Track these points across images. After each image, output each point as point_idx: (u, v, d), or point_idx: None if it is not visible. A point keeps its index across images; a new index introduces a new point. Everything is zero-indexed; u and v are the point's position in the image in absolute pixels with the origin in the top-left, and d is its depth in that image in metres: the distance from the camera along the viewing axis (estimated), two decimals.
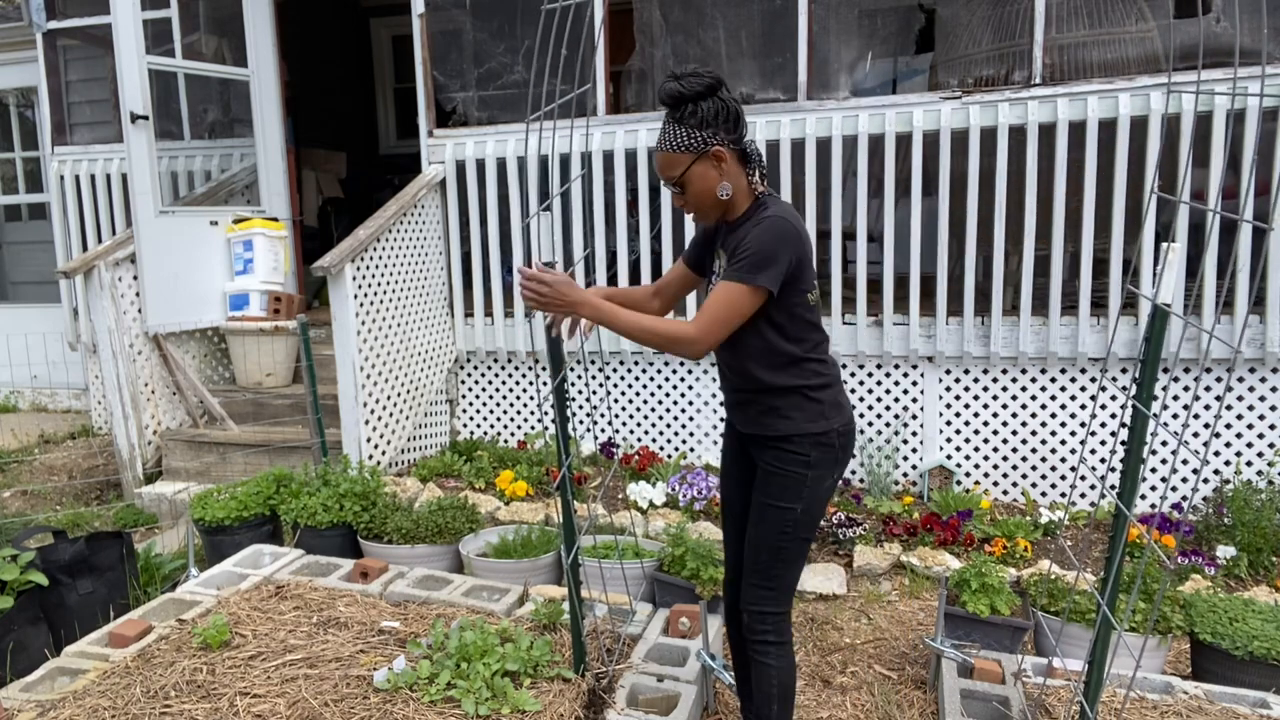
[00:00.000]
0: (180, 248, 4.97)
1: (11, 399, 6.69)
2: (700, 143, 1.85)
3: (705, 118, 1.84)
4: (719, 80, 1.86)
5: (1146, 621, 2.67)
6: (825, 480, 1.97)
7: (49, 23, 5.82)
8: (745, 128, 1.92)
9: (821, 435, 1.94)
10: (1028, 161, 3.98)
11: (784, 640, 2.03)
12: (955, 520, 3.68)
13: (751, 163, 1.93)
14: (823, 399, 1.95)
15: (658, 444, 4.80)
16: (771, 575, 2.00)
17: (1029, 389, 4.20)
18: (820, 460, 1.95)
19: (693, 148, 1.86)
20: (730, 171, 1.90)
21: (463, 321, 5.04)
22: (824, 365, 1.97)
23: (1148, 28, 3.95)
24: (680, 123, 1.86)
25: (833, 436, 1.95)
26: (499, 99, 5.02)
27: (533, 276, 1.85)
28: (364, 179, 8.01)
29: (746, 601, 2.03)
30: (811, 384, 1.94)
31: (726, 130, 1.87)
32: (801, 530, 1.97)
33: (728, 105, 1.86)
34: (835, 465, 1.98)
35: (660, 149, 1.89)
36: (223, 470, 4.64)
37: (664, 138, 1.88)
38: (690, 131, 1.85)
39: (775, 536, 1.98)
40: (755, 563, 2.01)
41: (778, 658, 2.02)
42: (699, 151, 1.86)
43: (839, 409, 1.98)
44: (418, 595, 2.87)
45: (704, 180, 1.88)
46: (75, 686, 2.32)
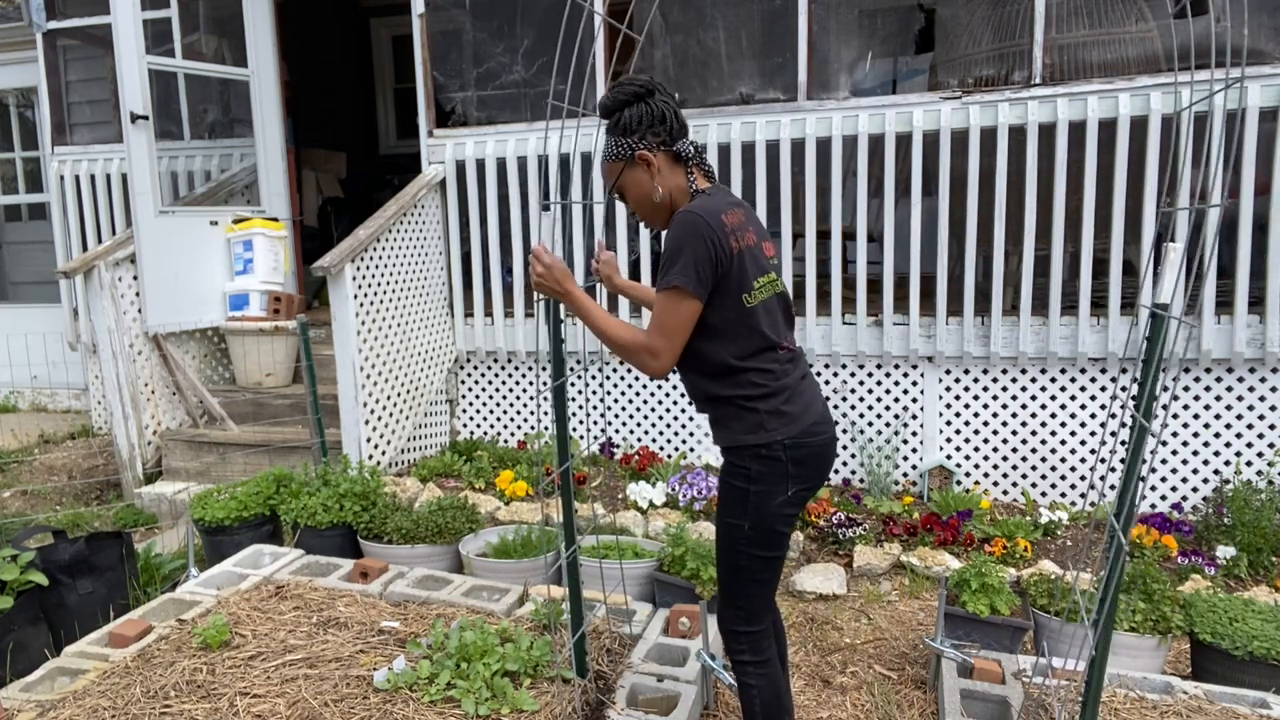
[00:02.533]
0: (180, 248, 4.97)
1: (11, 399, 6.69)
2: (627, 149, 1.87)
3: (629, 124, 1.86)
4: (650, 87, 1.87)
5: (1147, 621, 2.67)
6: (774, 495, 1.84)
7: (49, 23, 5.82)
8: (680, 128, 1.91)
9: (762, 447, 1.82)
10: (1028, 161, 3.98)
11: (761, 659, 1.97)
12: (955, 520, 3.68)
13: (688, 163, 1.92)
14: (759, 409, 1.83)
15: (657, 444, 4.81)
16: (735, 593, 1.94)
17: (1029, 389, 4.20)
18: (763, 474, 1.84)
19: (620, 155, 1.88)
20: (663, 174, 1.89)
21: (463, 321, 5.04)
22: (764, 375, 1.84)
23: (1148, 28, 3.95)
24: (610, 132, 1.90)
25: (777, 449, 1.82)
26: (499, 99, 5.02)
27: (538, 255, 1.89)
28: (364, 179, 8.01)
29: (720, 620, 1.99)
30: (747, 394, 1.84)
31: (654, 134, 1.87)
32: (755, 547, 1.88)
33: (653, 109, 1.86)
34: (785, 480, 1.84)
35: (605, 163, 1.93)
36: (223, 470, 4.64)
37: (602, 150, 1.92)
38: (618, 140, 1.88)
39: (730, 553, 1.92)
40: (721, 580, 1.98)
41: (756, 676, 1.97)
42: (626, 159, 1.88)
43: (784, 419, 1.84)
44: (418, 595, 2.87)
45: (638, 186, 1.90)
46: (75, 686, 2.32)
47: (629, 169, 1.89)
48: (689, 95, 4.71)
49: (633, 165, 1.88)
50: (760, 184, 4.38)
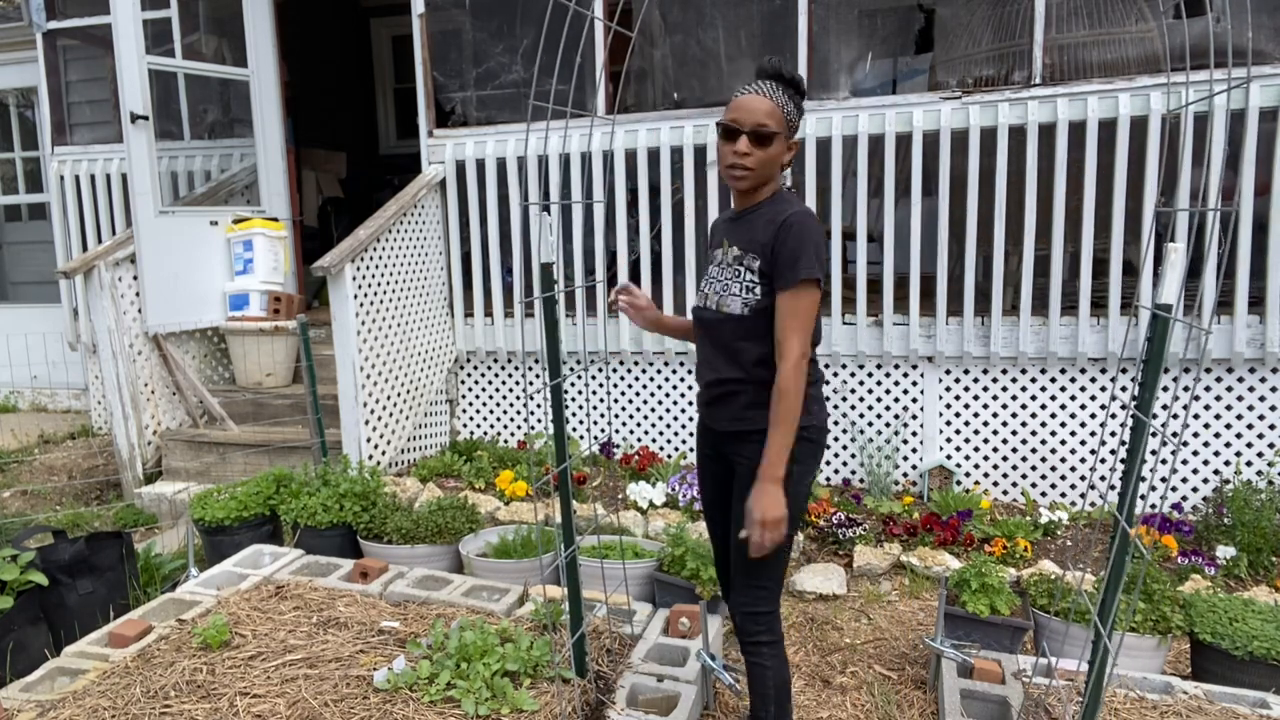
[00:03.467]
0: (180, 248, 4.97)
1: (11, 399, 6.69)
2: (795, 121, 1.93)
3: (799, 108, 1.94)
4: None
5: (1147, 621, 2.67)
6: (809, 475, 1.98)
7: (49, 23, 5.82)
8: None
9: (805, 429, 1.91)
10: (1028, 161, 3.98)
11: (777, 639, 2.03)
12: (955, 520, 3.68)
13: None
14: (808, 393, 1.90)
15: (657, 444, 4.80)
16: (760, 573, 1.98)
17: (1029, 389, 4.20)
18: (803, 455, 1.93)
19: (790, 120, 1.92)
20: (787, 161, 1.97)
21: (463, 321, 5.04)
22: (814, 364, 1.98)
23: (1148, 28, 3.95)
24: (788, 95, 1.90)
25: (814, 432, 1.96)
26: (499, 99, 5.02)
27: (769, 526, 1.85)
28: (364, 179, 8.00)
29: (739, 604, 2.02)
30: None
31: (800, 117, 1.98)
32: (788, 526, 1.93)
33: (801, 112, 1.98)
34: (815, 461, 1.99)
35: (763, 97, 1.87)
36: (223, 470, 4.64)
37: (771, 93, 1.88)
38: (794, 108, 1.92)
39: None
40: (743, 564, 1.98)
41: (772, 657, 2.01)
42: (791, 126, 1.93)
43: (820, 405, 2.00)
44: (418, 595, 2.87)
45: (778, 151, 1.91)
46: (75, 686, 2.32)
47: (785, 135, 1.91)
48: (688, 95, 4.71)
49: (788, 136, 1.93)
50: None
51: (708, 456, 2.18)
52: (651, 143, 4.55)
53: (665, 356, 4.71)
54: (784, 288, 1.85)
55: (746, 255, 1.93)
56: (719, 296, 1.98)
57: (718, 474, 2.15)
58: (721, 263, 2.01)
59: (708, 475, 2.19)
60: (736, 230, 1.98)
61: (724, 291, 1.96)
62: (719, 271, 2.01)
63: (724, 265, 2.00)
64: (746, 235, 1.94)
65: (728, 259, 1.99)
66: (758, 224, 1.93)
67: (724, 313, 1.95)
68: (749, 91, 1.89)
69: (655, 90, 4.86)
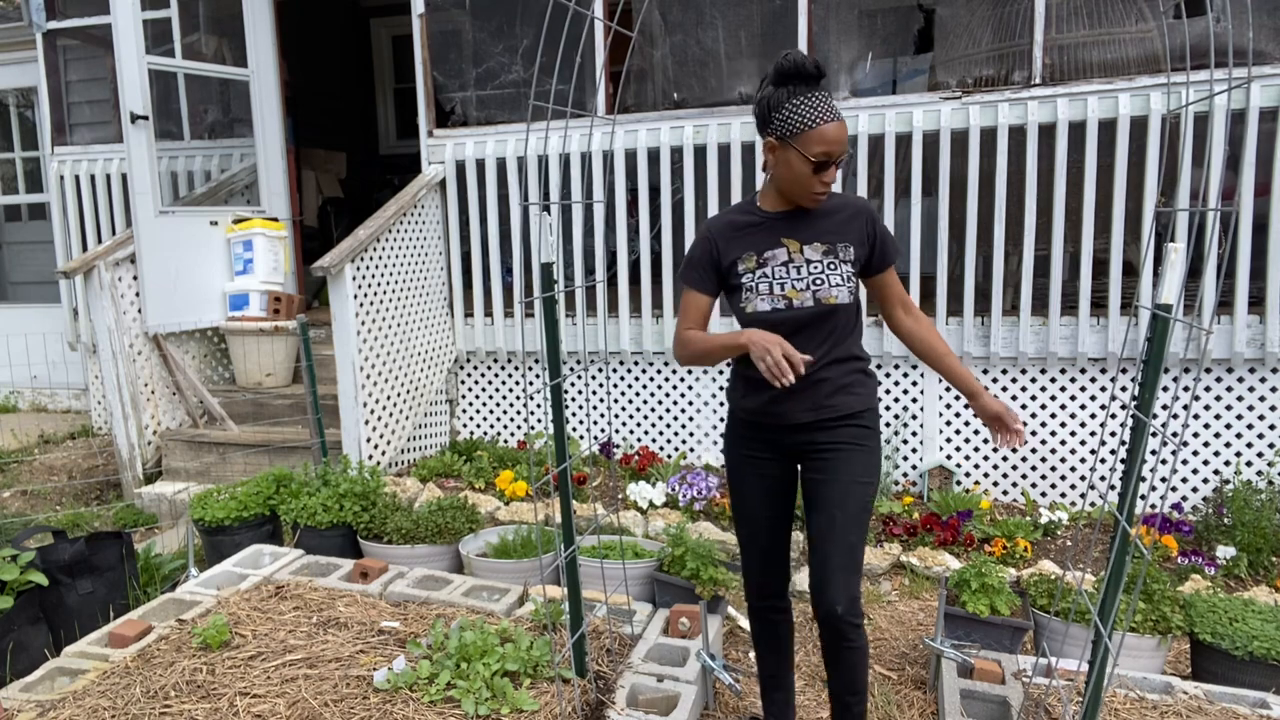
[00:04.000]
0: (180, 248, 4.97)
1: (11, 399, 6.69)
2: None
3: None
4: None
5: (1147, 621, 2.67)
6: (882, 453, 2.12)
7: (49, 23, 5.82)
8: None
9: (877, 409, 2.06)
10: (1027, 162, 3.98)
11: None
12: (955, 520, 3.68)
13: None
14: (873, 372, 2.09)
15: (657, 444, 4.80)
16: (859, 555, 1.99)
17: (1029, 389, 4.20)
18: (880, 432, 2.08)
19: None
20: None
21: (463, 321, 5.04)
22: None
23: (1148, 28, 3.95)
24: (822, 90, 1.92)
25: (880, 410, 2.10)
26: (499, 99, 5.02)
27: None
28: (364, 179, 8.00)
29: (843, 592, 1.94)
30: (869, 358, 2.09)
31: None
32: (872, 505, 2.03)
33: None
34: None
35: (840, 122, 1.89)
36: (223, 470, 4.64)
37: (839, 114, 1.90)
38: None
39: (862, 514, 1.99)
40: (847, 548, 1.96)
41: (863, 635, 2.04)
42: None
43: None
44: (418, 595, 2.87)
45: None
46: (75, 686, 2.32)
47: None
48: (688, 95, 4.71)
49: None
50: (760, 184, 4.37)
51: (761, 459, 2.10)
52: (651, 143, 4.55)
53: (665, 356, 4.71)
54: (890, 264, 2.05)
55: (838, 247, 1.98)
56: (815, 290, 1.95)
57: (772, 476, 2.10)
58: (796, 262, 1.98)
59: (754, 478, 2.11)
60: (801, 228, 2.00)
61: (822, 284, 1.95)
62: (797, 271, 1.97)
63: (805, 263, 1.97)
64: (824, 229, 1.99)
65: (808, 256, 1.98)
66: (831, 217, 2.00)
67: (830, 303, 1.95)
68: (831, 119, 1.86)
69: (655, 90, 4.86)
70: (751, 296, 1.99)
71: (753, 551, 2.19)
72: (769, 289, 1.97)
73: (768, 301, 1.97)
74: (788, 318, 1.96)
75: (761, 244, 2.01)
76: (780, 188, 1.99)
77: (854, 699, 2.11)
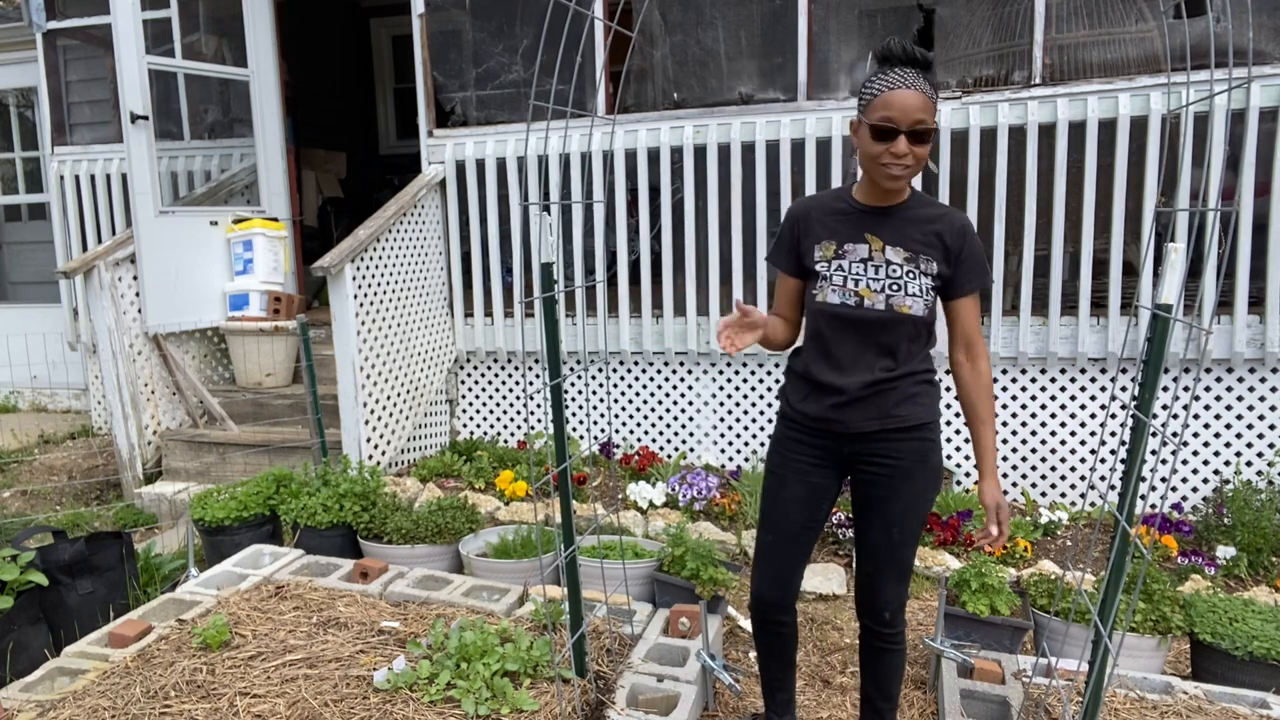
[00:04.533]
0: (180, 248, 4.97)
1: (11, 399, 6.69)
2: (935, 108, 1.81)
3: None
4: None
5: (1147, 621, 2.67)
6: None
7: (49, 23, 5.82)
8: None
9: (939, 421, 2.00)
10: (1027, 162, 3.98)
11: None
12: (955, 520, 3.68)
13: None
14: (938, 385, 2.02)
15: (657, 444, 4.80)
16: (910, 566, 2.03)
17: (1029, 389, 4.20)
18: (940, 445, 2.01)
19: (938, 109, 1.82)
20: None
21: (463, 321, 5.04)
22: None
23: (1148, 28, 3.95)
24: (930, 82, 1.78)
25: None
26: (499, 99, 5.02)
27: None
28: (364, 179, 8.00)
29: (889, 602, 2.04)
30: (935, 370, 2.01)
31: None
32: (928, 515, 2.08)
33: None
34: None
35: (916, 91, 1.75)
36: (223, 470, 4.64)
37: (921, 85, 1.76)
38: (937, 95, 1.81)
39: (919, 529, 2.00)
40: (900, 561, 2.01)
41: (904, 640, 2.11)
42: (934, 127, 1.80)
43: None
44: (418, 595, 2.87)
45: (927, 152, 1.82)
46: (75, 686, 2.32)
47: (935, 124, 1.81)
48: (688, 95, 4.71)
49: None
50: (760, 185, 4.38)
51: (808, 465, 2.04)
52: (651, 143, 4.55)
53: (665, 356, 4.71)
54: (972, 291, 1.91)
55: (921, 258, 1.88)
56: (889, 295, 1.88)
57: (817, 484, 2.05)
58: (876, 261, 1.90)
59: (797, 484, 2.05)
60: (888, 227, 1.90)
61: (898, 290, 1.87)
62: (875, 271, 1.90)
63: (885, 264, 1.90)
64: (909, 235, 1.88)
65: (889, 257, 1.89)
66: (922, 225, 1.89)
67: (902, 312, 1.87)
68: (899, 85, 1.74)
69: (655, 90, 4.86)
70: (825, 286, 1.92)
71: (772, 559, 2.11)
72: (843, 282, 1.90)
73: (839, 295, 1.91)
74: (856, 316, 1.90)
75: (844, 234, 1.93)
76: (863, 168, 1.89)
77: (886, 705, 2.14)
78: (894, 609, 2.04)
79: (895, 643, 2.07)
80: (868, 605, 2.07)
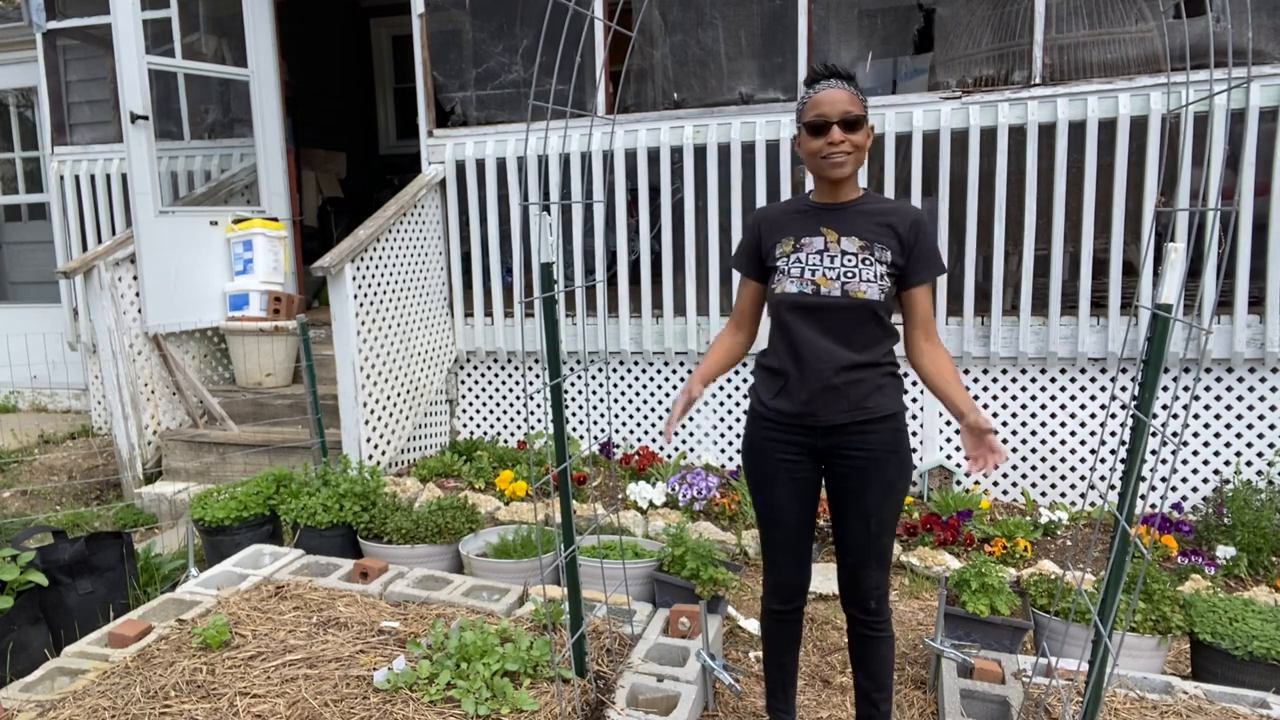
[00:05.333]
0: (180, 248, 4.97)
1: (11, 399, 6.69)
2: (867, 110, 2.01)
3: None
4: None
5: (1147, 621, 2.67)
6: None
7: (49, 23, 5.82)
8: None
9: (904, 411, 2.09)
10: (1027, 161, 3.98)
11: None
12: (955, 520, 3.68)
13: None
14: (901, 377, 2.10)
15: (657, 444, 4.80)
16: (890, 554, 2.09)
17: (1029, 389, 4.20)
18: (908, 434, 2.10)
19: (866, 105, 2.00)
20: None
21: (463, 321, 5.04)
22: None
23: (1148, 28, 3.95)
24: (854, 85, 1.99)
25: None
26: (499, 99, 5.02)
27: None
28: (364, 179, 8.00)
29: (873, 590, 2.10)
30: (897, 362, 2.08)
31: None
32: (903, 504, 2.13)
33: None
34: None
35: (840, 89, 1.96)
36: (223, 470, 4.64)
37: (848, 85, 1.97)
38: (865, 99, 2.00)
39: (895, 517, 2.07)
40: (881, 549, 2.07)
41: (891, 626, 2.16)
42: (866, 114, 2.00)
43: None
44: (418, 595, 2.87)
45: (866, 135, 1.99)
46: (75, 686, 2.32)
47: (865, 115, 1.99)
48: (688, 95, 4.71)
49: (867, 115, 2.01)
50: (760, 184, 4.38)
51: (792, 461, 2.09)
52: (651, 143, 4.55)
53: (665, 356, 4.71)
54: (924, 281, 2.02)
55: (875, 246, 1.98)
56: (845, 282, 1.96)
57: (804, 478, 2.10)
58: (831, 252, 2.00)
59: (787, 480, 2.09)
60: (842, 220, 2.02)
61: (853, 277, 1.97)
62: (830, 260, 1.99)
63: (840, 254, 1.99)
64: (863, 226, 2.00)
65: (844, 248, 2.00)
66: (875, 217, 2.01)
67: (858, 297, 1.96)
68: (825, 88, 1.96)
69: (655, 90, 4.86)
70: (782, 279, 2.03)
71: (783, 555, 2.16)
72: (800, 273, 2.01)
73: (796, 284, 2.00)
74: (814, 303, 1.99)
75: (801, 230, 2.05)
76: (810, 170, 2.04)
77: (881, 695, 2.17)
78: (879, 596, 2.10)
79: (882, 630, 2.13)
80: (853, 596, 2.13)
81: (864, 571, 2.08)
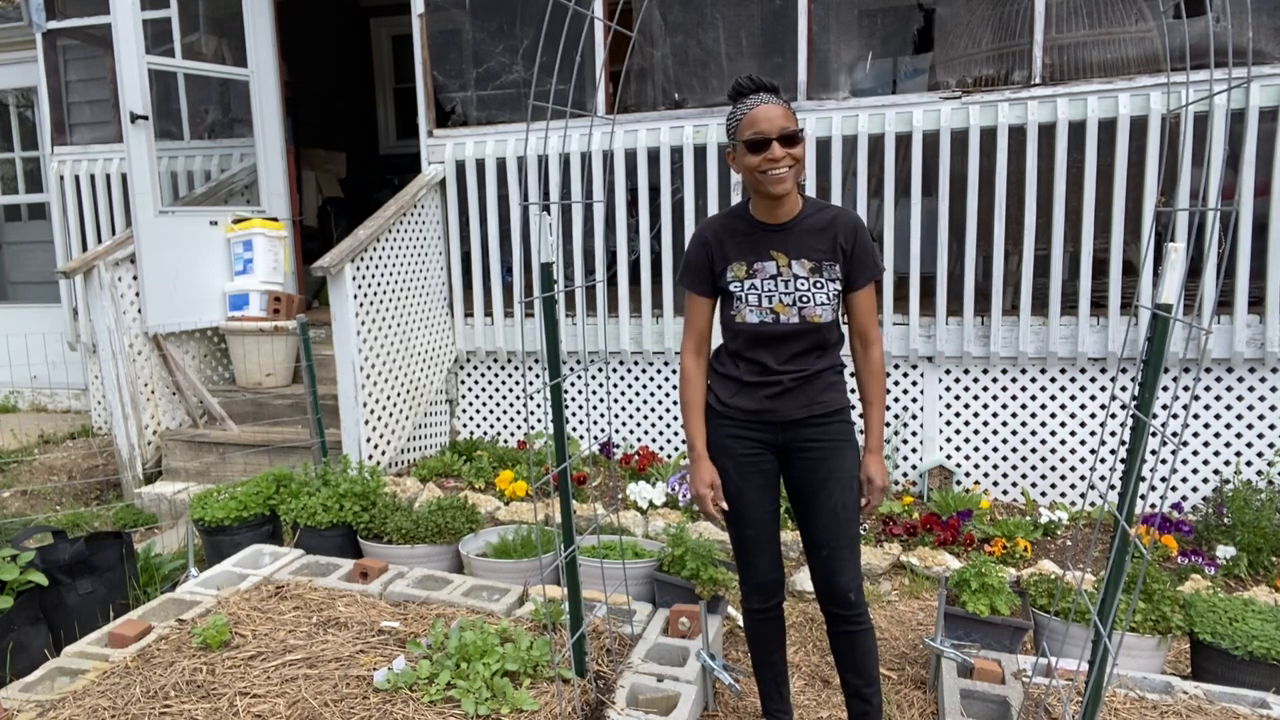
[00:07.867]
0: (180, 248, 4.97)
1: (11, 399, 6.69)
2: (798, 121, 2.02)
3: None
4: None
5: (1147, 621, 2.67)
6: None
7: (49, 23, 5.82)
8: None
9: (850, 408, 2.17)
10: (1027, 161, 3.98)
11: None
12: (955, 520, 3.68)
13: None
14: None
15: (657, 444, 4.80)
16: (859, 544, 2.12)
17: (1029, 389, 4.20)
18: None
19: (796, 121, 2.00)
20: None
21: (462, 321, 5.04)
22: None
23: (1148, 28, 3.95)
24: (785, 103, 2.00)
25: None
26: (499, 99, 5.02)
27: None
28: (364, 179, 8.00)
29: (849, 580, 2.10)
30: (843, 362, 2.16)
31: None
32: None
33: None
34: None
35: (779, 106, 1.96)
36: (223, 470, 4.64)
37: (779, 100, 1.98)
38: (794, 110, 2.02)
39: (858, 506, 2.11)
40: (849, 536, 2.09)
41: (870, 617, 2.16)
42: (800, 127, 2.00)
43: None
44: (418, 595, 2.87)
45: (802, 148, 2.00)
46: (75, 686, 2.32)
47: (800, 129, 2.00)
48: (689, 95, 4.71)
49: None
50: None
51: (757, 457, 2.15)
52: (651, 143, 4.55)
53: (665, 356, 4.71)
54: (865, 284, 2.07)
55: (824, 265, 2.03)
56: (802, 308, 2.03)
57: (769, 472, 2.17)
58: (784, 277, 2.04)
59: (755, 475, 2.15)
60: (789, 242, 2.04)
61: (808, 302, 2.03)
62: (785, 286, 2.04)
63: (793, 278, 2.03)
64: (810, 246, 2.03)
65: (796, 271, 2.03)
66: (818, 234, 2.03)
67: (814, 322, 2.03)
68: (759, 104, 1.95)
69: (655, 90, 4.86)
70: (741, 307, 2.07)
71: (758, 552, 2.19)
72: (758, 301, 2.05)
73: (756, 314, 2.06)
74: (775, 331, 2.06)
75: (751, 254, 2.07)
76: (751, 188, 2.05)
77: (870, 689, 2.18)
78: (855, 588, 2.11)
79: (862, 623, 2.13)
80: (830, 590, 2.13)
81: (839, 563, 2.09)
